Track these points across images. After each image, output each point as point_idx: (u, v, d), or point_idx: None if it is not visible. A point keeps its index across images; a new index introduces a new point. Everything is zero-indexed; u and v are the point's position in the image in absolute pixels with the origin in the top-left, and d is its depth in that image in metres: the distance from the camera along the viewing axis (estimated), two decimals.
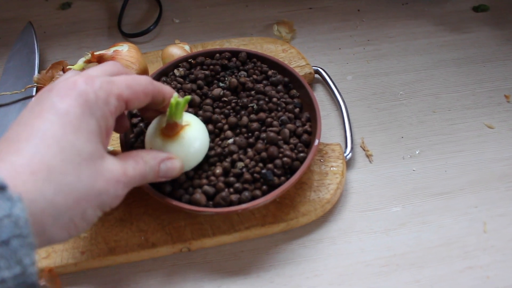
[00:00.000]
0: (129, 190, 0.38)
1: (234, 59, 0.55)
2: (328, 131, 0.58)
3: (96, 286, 0.48)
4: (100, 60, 0.55)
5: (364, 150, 0.57)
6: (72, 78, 0.36)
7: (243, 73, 0.53)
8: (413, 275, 0.47)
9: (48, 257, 0.47)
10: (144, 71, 0.57)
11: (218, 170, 0.45)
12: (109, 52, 0.56)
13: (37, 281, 0.28)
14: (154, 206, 0.50)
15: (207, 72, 0.53)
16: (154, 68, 0.61)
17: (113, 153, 0.39)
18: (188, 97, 0.41)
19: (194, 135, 0.44)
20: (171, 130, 0.43)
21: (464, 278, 0.47)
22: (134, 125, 0.51)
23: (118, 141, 0.50)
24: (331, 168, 0.52)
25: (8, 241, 0.27)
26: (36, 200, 0.30)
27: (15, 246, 0.27)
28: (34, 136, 0.32)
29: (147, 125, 0.50)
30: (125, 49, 0.56)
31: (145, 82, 0.39)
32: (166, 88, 0.42)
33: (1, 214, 0.27)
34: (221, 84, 0.53)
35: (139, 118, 0.51)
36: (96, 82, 0.35)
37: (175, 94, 0.41)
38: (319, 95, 0.62)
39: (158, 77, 0.54)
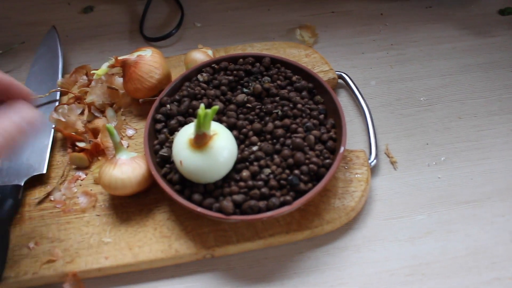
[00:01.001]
0: None
1: (257, 64, 0.54)
2: (352, 137, 0.57)
3: None
4: (124, 64, 0.56)
5: (388, 156, 0.56)
6: None
7: (267, 78, 0.53)
8: (439, 285, 0.46)
9: (72, 262, 0.47)
10: (167, 76, 0.57)
11: (245, 173, 0.45)
12: (132, 57, 0.56)
13: None
14: (178, 212, 0.50)
15: (230, 77, 0.53)
16: (177, 72, 0.61)
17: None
18: (216, 107, 0.41)
19: (223, 144, 0.44)
20: (200, 141, 0.43)
21: None
22: (158, 131, 0.51)
23: (142, 146, 0.50)
24: (356, 175, 0.51)
25: None
26: None
27: None
28: None
29: (171, 130, 0.50)
30: (148, 54, 0.56)
31: None
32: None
33: None
34: (245, 90, 0.52)
35: (163, 123, 0.51)
36: None
37: (202, 105, 0.41)
38: (342, 101, 0.61)
39: (181, 82, 0.54)
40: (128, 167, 0.49)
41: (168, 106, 0.51)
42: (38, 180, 0.54)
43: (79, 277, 0.47)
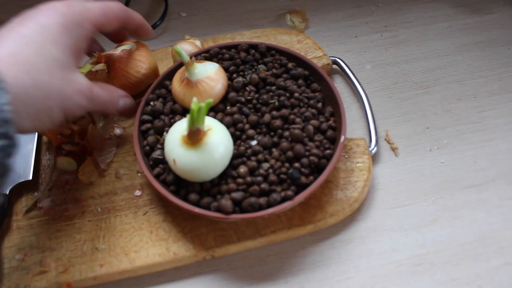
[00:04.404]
0: (89, 108, 0.43)
1: (252, 51, 0.52)
2: (350, 124, 0.55)
3: None
4: (108, 60, 0.53)
5: (389, 143, 0.54)
6: (52, 3, 0.41)
7: (262, 66, 0.51)
8: (448, 274, 0.45)
9: (65, 272, 0.45)
10: (154, 70, 0.54)
11: (243, 169, 0.43)
12: (116, 51, 0.53)
13: (10, 119, 0.33)
14: (174, 213, 0.48)
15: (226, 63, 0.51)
16: (164, 66, 0.58)
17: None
18: (210, 100, 0.39)
19: (218, 140, 0.41)
20: (194, 137, 0.41)
21: (502, 275, 0.45)
22: (145, 132, 0.48)
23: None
24: (357, 164, 0.49)
25: None
26: (13, 85, 0.35)
27: None
28: (16, 37, 0.38)
29: (157, 131, 0.47)
30: (133, 48, 0.53)
31: (118, 9, 0.46)
32: (134, 13, 0.49)
33: None
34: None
35: (150, 124, 0.48)
36: (75, 8, 0.42)
37: (195, 99, 0.38)
38: (338, 87, 0.58)
39: (170, 75, 0.51)
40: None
41: (152, 103, 0.49)
42: (24, 187, 0.51)
43: (74, 287, 0.45)
